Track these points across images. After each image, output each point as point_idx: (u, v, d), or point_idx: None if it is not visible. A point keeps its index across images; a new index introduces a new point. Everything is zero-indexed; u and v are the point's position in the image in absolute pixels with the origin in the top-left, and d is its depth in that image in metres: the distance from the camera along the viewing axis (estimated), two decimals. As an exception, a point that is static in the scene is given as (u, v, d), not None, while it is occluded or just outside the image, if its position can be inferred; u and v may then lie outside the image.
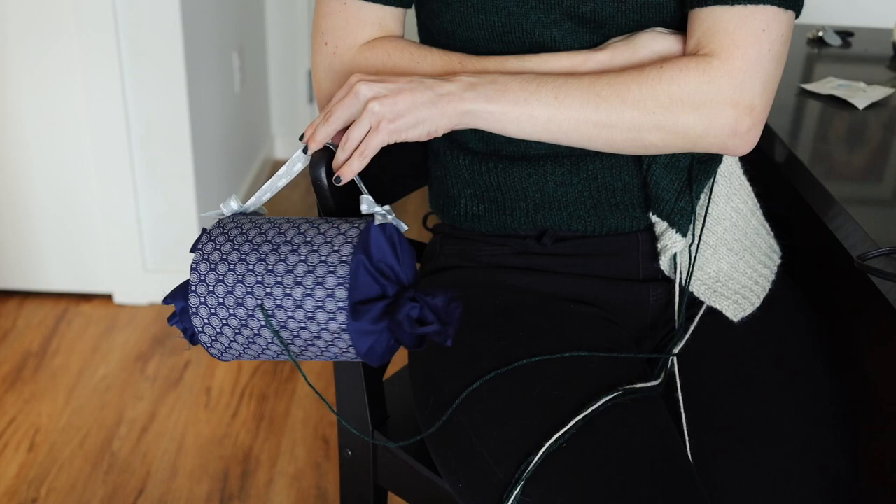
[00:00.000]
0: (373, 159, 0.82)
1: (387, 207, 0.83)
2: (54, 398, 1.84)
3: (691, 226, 0.91)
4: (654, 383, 0.87)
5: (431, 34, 0.93)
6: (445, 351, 0.92)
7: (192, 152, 2.08)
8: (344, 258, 0.77)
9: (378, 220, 0.80)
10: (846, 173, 1.04)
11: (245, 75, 2.64)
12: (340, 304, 0.77)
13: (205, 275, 0.81)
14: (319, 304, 0.78)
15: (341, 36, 0.90)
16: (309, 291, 0.78)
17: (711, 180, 0.93)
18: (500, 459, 0.81)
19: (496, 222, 0.96)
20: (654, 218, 0.92)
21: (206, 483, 1.63)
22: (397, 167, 1.02)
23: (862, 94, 1.27)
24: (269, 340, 0.81)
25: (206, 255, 0.82)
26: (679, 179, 0.91)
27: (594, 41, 0.86)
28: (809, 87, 1.30)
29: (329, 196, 0.92)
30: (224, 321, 0.81)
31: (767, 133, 1.15)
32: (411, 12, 0.96)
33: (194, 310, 0.82)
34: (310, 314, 0.78)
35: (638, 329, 0.97)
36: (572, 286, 0.94)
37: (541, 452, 0.78)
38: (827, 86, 1.30)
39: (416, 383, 0.95)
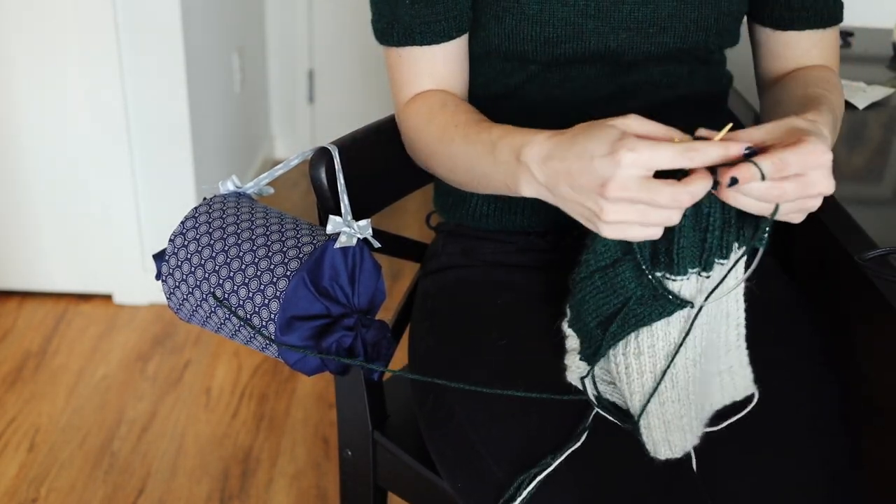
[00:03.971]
0: (371, 159, 0.82)
1: (365, 222, 0.83)
2: (54, 398, 1.84)
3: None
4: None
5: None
6: (445, 351, 0.92)
7: (192, 152, 2.08)
8: (289, 273, 0.79)
9: (342, 241, 0.81)
10: (846, 173, 1.04)
11: (245, 75, 2.64)
12: (273, 316, 0.79)
13: (177, 249, 0.86)
14: (256, 309, 0.80)
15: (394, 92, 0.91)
16: (251, 295, 0.80)
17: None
18: (500, 459, 0.81)
19: (505, 220, 0.96)
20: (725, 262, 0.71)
21: (206, 483, 1.63)
22: (398, 167, 1.02)
23: (862, 94, 1.27)
24: (225, 317, 0.84)
25: (183, 231, 0.86)
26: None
27: (650, 49, 0.87)
28: (809, 87, 1.30)
29: (329, 196, 0.92)
30: (185, 296, 0.86)
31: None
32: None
33: (164, 277, 0.87)
34: (249, 314, 0.81)
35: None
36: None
37: (545, 473, 0.78)
38: (827, 86, 1.30)
39: (415, 383, 0.95)
